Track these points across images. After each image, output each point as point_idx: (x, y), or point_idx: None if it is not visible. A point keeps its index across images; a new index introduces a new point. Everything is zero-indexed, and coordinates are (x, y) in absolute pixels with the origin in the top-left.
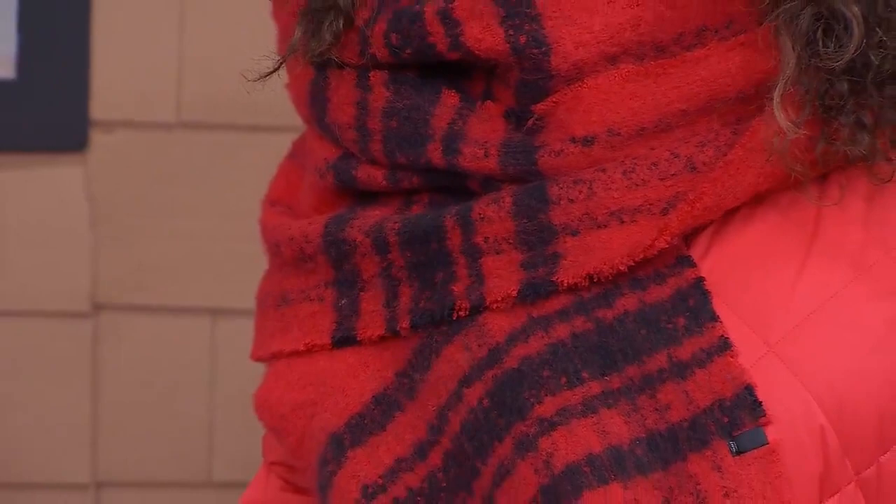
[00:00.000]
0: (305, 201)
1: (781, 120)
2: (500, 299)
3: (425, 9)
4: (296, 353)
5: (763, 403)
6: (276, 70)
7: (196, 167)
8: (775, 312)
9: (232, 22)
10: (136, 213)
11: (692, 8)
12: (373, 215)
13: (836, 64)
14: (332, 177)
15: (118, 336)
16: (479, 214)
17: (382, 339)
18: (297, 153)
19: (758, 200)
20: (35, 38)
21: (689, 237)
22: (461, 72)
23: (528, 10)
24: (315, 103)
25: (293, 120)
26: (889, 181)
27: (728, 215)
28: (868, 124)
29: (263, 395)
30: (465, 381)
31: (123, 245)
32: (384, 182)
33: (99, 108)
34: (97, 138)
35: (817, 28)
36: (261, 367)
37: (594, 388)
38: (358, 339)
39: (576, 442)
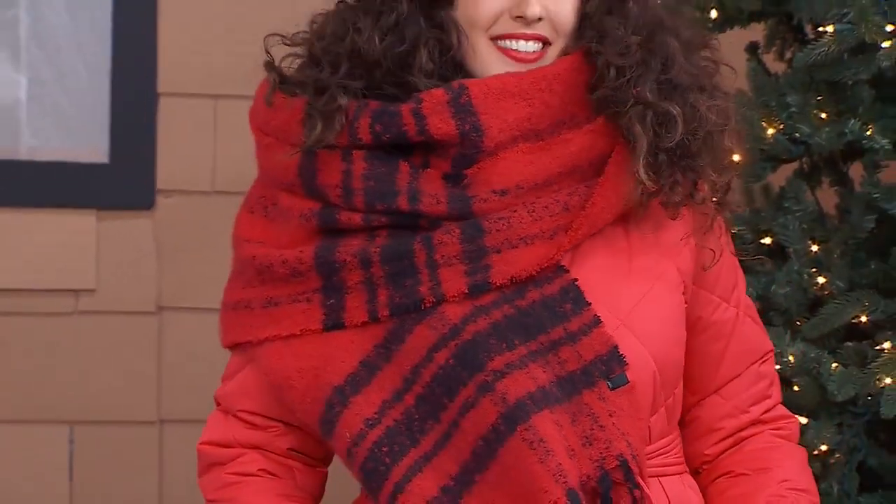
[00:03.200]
0: (283, 238)
1: (643, 175)
2: (455, 295)
3: (401, 109)
4: (292, 336)
5: (625, 357)
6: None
7: (225, 220)
8: (619, 300)
9: (245, 134)
10: (185, 248)
11: (562, 108)
12: (353, 244)
13: (667, 145)
14: (317, 221)
15: (174, 326)
16: (438, 241)
17: (363, 325)
18: (255, 209)
19: (595, 236)
20: (119, 136)
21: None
22: (406, 149)
23: (469, 108)
24: (303, 174)
25: None
26: (675, 219)
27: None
28: (679, 181)
29: (272, 364)
30: (434, 348)
31: (177, 267)
32: (361, 223)
33: (162, 181)
34: (161, 201)
35: (655, 121)
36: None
37: (522, 350)
38: (345, 325)
39: (519, 385)
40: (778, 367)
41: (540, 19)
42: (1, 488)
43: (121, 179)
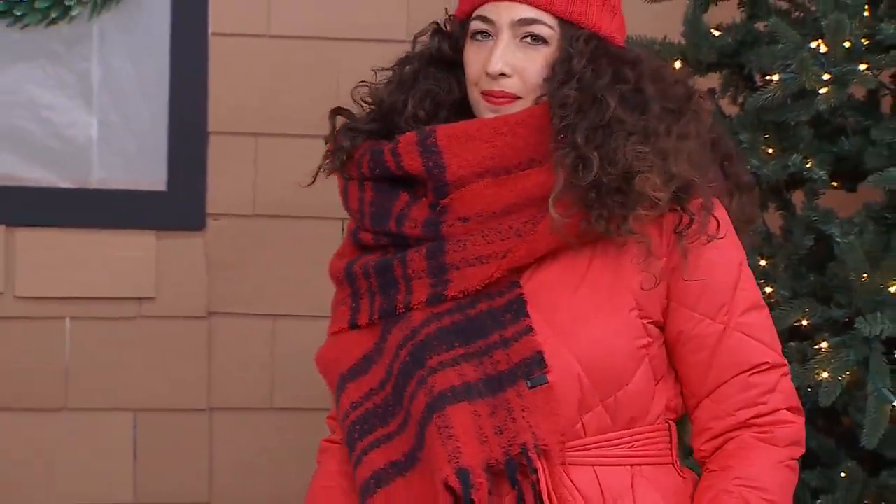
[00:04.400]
0: (346, 252)
1: (553, 213)
2: (418, 303)
3: (384, 148)
4: (335, 333)
5: (547, 361)
6: (312, 182)
7: (264, 238)
8: (558, 314)
9: (285, 162)
10: (231, 262)
11: (528, 149)
12: (364, 259)
13: (584, 183)
14: (353, 238)
15: (221, 328)
16: (409, 258)
17: (369, 325)
18: (347, 228)
19: (555, 254)
20: (175, 168)
21: (522, 272)
22: (412, 182)
23: (434, 149)
24: (344, 197)
25: (322, 212)
26: (623, 245)
27: (540, 261)
28: (605, 216)
29: (319, 354)
30: (400, 347)
31: (224, 279)
32: (371, 241)
33: (211, 206)
34: (210, 223)
35: (576, 163)
36: (311, 339)
37: (459, 351)
38: (359, 325)
39: (446, 380)
40: None
41: (503, 75)
42: (75, 466)
43: (176, 205)
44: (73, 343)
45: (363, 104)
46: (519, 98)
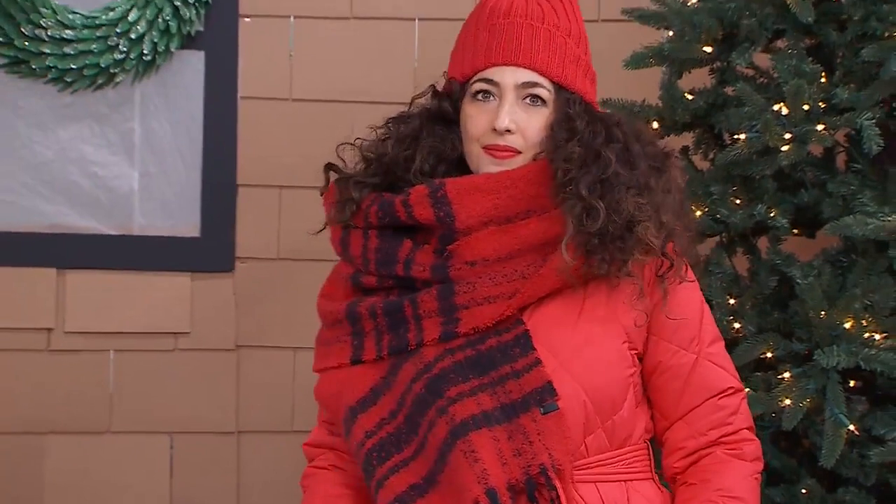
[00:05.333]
0: (338, 294)
1: (567, 257)
2: (430, 340)
3: (395, 200)
4: (332, 368)
5: (556, 390)
6: (322, 230)
7: (286, 280)
8: (561, 346)
9: (305, 211)
10: (257, 301)
11: (528, 200)
12: (369, 301)
13: (592, 231)
14: (352, 282)
15: (248, 360)
16: (421, 299)
17: (375, 360)
18: (333, 273)
19: (553, 293)
20: (208, 216)
21: (524, 309)
22: (414, 230)
23: (444, 200)
24: (343, 245)
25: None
26: (617, 285)
27: (540, 299)
28: (607, 259)
29: (318, 387)
30: (414, 380)
31: (251, 315)
32: (375, 284)
33: (239, 251)
34: (238, 265)
35: (583, 213)
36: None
37: (475, 383)
38: (363, 361)
39: (466, 409)
40: None
41: (509, 131)
42: (117, 483)
43: (208, 249)
44: (117, 373)
45: (367, 156)
46: (520, 153)
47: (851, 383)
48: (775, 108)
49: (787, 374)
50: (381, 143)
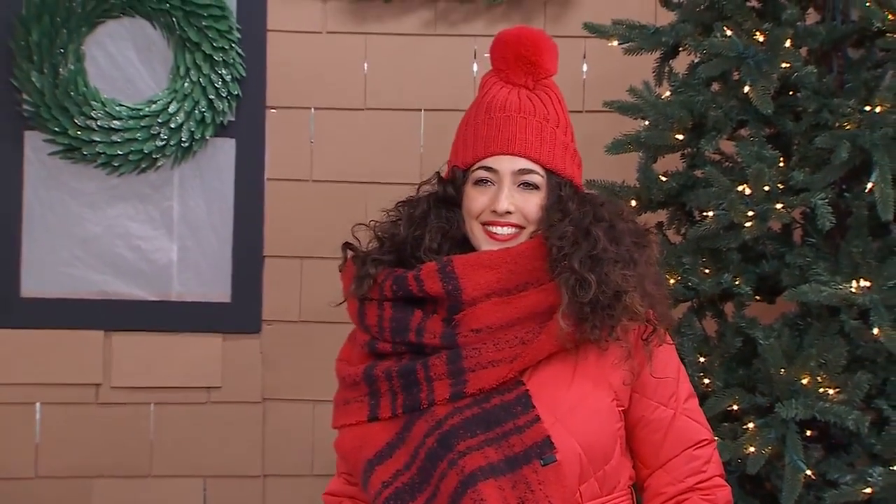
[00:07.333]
0: (354, 359)
1: (563, 324)
2: (441, 399)
3: (408, 275)
4: (351, 425)
5: (555, 443)
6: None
7: (309, 340)
8: (558, 404)
9: (325, 279)
10: (281, 358)
11: (525, 274)
12: (384, 365)
13: (584, 300)
14: (368, 348)
15: (273, 411)
16: (431, 364)
17: (390, 418)
18: (350, 340)
19: (551, 356)
20: (238, 284)
21: (523, 372)
22: (424, 301)
23: (452, 274)
24: (360, 316)
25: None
26: (606, 349)
27: (539, 362)
28: (598, 326)
29: (338, 442)
30: (427, 435)
31: (275, 372)
32: (390, 349)
33: (266, 314)
34: (265, 327)
35: (576, 284)
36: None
37: (481, 437)
38: (380, 418)
39: (474, 461)
40: None
41: (509, 212)
42: None
43: (238, 313)
44: (156, 423)
45: (380, 235)
46: (522, 228)
47: (808, 433)
48: (739, 188)
49: (751, 425)
50: (393, 225)
